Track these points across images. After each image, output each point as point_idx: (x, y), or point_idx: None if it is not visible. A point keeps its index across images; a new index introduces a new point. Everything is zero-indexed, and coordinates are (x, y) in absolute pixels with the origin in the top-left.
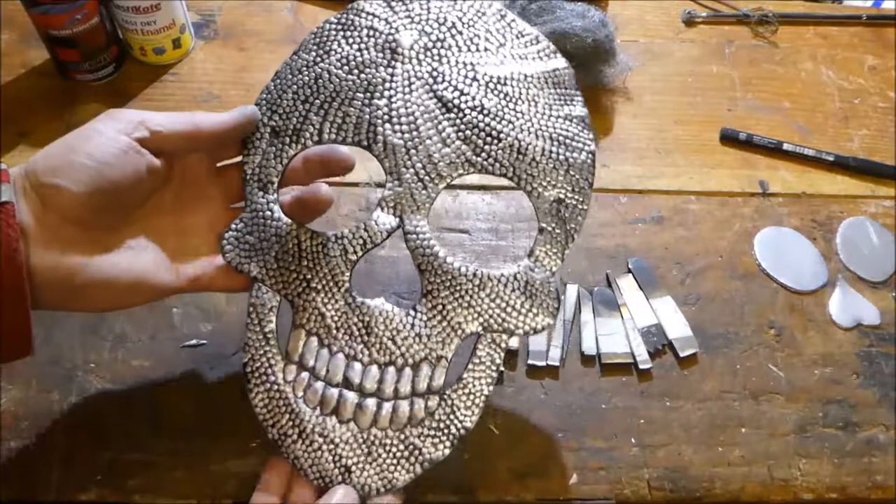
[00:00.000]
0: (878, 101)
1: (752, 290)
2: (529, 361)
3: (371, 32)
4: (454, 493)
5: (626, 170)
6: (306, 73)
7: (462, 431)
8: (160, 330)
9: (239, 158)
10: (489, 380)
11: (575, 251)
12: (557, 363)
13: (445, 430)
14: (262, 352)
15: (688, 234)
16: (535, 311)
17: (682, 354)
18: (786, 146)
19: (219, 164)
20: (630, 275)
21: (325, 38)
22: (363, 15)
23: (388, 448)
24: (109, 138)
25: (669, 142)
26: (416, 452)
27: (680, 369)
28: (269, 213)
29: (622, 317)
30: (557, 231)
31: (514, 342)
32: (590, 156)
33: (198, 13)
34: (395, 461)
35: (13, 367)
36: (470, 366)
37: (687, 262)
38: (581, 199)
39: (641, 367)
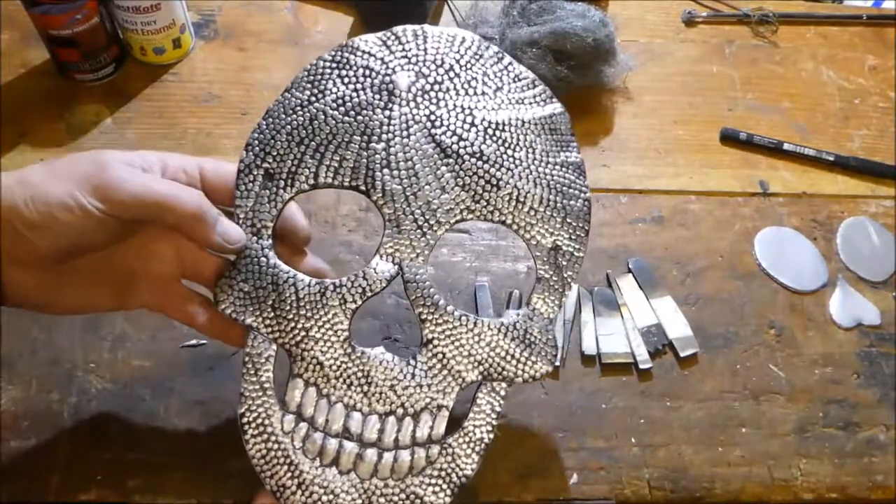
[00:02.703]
0: (878, 100)
1: (752, 290)
2: None
3: (367, 72)
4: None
5: (626, 170)
6: (301, 113)
7: (463, 479)
8: (160, 330)
9: None
10: (489, 427)
11: None
12: (557, 363)
13: (447, 479)
14: (258, 402)
15: (688, 234)
16: (533, 359)
17: (682, 354)
18: (786, 146)
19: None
20: (630, 275)
21: (319, 77)
22: (358, 53)
23: (388, 497)
24: (88, 214)
25: (669, 142)
26: (418, 501)
27: (680, 369)
28: (264, 259)
29: (622, 317)
30: (555, 279)
31: None
32: (586, 203)
33: (198, 13)
34: None
35: (13, 367)
36: (471, 414)
37: (687, 262)
38: (578, 247)
39: (641, 367)
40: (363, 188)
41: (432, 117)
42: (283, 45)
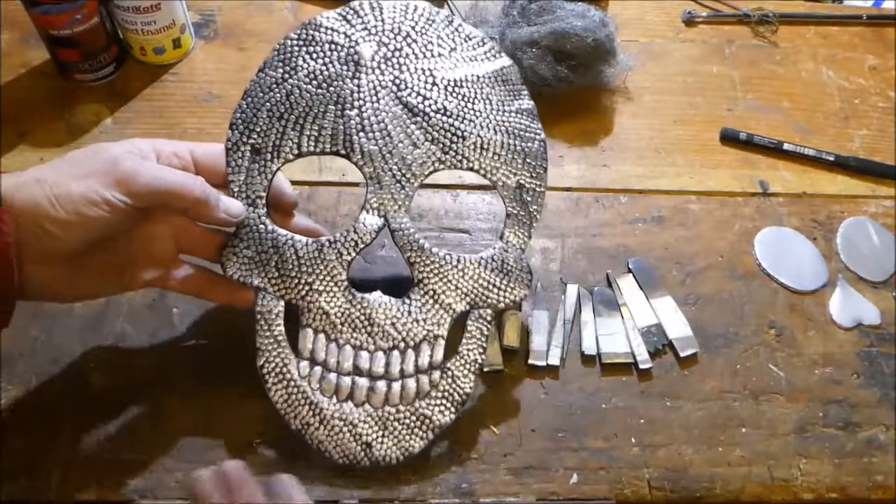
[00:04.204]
0: (878, 100)
1: (752, 290)
2: (529, 361)
3: (332, 47)
4: (454, 494)
5: (626, 170)
6: (277, 90)
7: (464, 396)
8: (160, 330)
9: None
10: (480, 349)
11: (575, 251)
12: (557, 363)
13: (449, 398)
14: (275, 353)
15: (688, 234)
16: (512, 285)
17: (682, 354)
18: (786, 146)
19: None
20: (630, 275)
21: (289, 55)
22: (322, 30)
23: (401, 421)
24: (113, 207)
25: (669, 142)
26: (427, 421)
27: (680, 369)
28: (262, 226)
29: (622, 317)
30: (522, 214)
31: (513, 342)
32: (541, 144)
33: (198, 13)
34: (409, 431)
35: (13, 367)
36: (463, 340)
37: (687, 262)
38: (539, 183)
39: (641, 367)
40: (343, 152)
41: (397, 81)
42: None
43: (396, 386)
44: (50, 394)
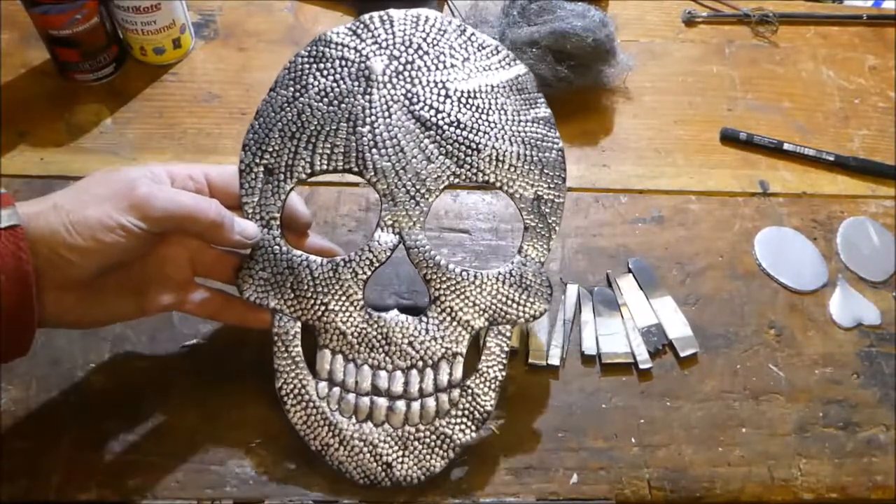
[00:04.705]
0: (878, 100)
1: (752, 290)
2: (529, 361)
3: (343, 62)
4: (454, 494)
5: (626, 170)
6: (288, 109)
7: (485, 415)
8: (160, 330)
9: None
10: (501, 366)
11: (575, 251)
12: (557, 363)
13: (470, 416)
14: (293, 374)
15: (688, 234)
16: (531, 300)
17: (682, 354)
18: (786, 146)
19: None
20: (630, 275)
21: (299, 73)
22: (332, 46)
23: (422, 440)
24: (129, 232)
25: (669, 142)
26: (448, 440)
27: (680, 369)
28: (277, 248)
29: (622, 317)
30: (541, 226)
31: (513, 342)
32: (559, 153)
33: (198, 13)
34: (430, 451)
35: (13, 368)
36: (483, 357)
37: (687, 262)
38: (558, 194)
39: (641, 367)
40: (356, 170)
41: (409, 95)
42: (283, 45)
43: (416, 405)
44: (50, 395)
